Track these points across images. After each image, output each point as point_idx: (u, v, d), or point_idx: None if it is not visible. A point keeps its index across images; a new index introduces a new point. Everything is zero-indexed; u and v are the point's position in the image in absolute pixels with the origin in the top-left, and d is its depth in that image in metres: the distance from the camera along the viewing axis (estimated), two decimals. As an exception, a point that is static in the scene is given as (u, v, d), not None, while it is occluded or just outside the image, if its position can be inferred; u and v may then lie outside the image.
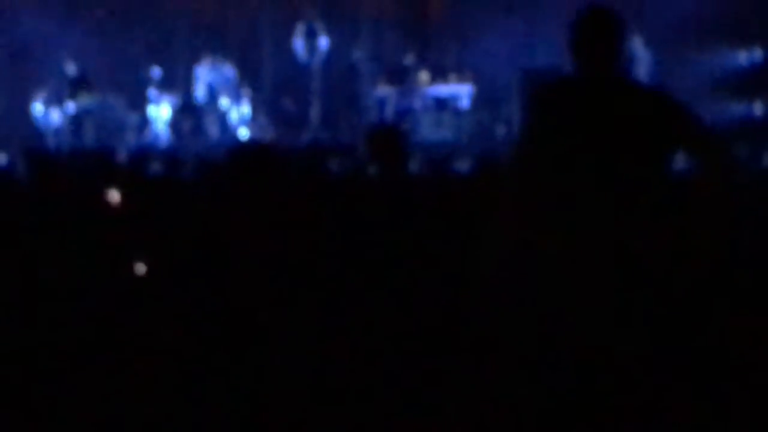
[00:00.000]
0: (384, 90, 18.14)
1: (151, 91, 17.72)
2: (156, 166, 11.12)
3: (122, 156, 13.28)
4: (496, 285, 4.44)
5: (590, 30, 4.54)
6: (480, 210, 6.08)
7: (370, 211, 6.24)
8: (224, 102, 17.72)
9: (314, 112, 18.18)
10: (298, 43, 18.25)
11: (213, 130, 17.46)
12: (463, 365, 5.39)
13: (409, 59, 18.32)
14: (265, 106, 18.55)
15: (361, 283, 5.68)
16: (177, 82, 18.82)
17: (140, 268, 6.14)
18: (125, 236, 6.41)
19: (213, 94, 17.73)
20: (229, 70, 17.99)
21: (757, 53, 17.86)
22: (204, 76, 17.93)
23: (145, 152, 12.41)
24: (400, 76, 18.17)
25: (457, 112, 17.73)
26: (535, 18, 18.95)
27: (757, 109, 17.51)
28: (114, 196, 7.52)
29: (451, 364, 5.44)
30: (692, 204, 4.27)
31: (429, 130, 17.28)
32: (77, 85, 17.38)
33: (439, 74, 18.59)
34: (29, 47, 18.41)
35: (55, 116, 17.40)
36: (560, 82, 4.70)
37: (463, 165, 11.07)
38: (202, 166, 10.17)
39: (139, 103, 18.17)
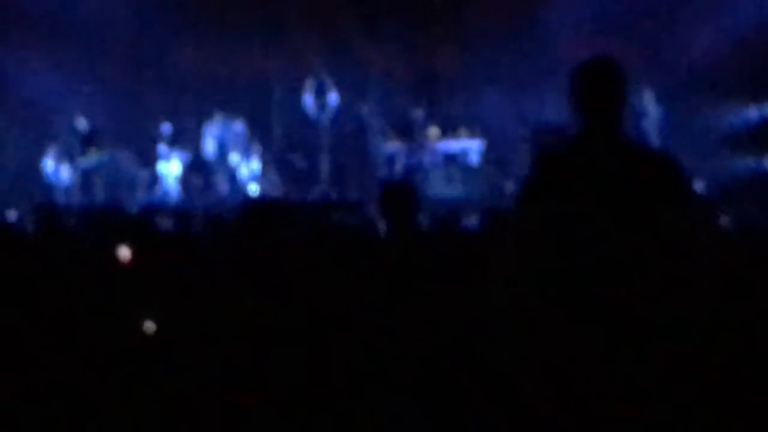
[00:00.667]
0: (393, 145, 18.21)
1: (161, 148, 17.78)
2: (166, 222, 11.14)
3: (132, 212, 13.34)
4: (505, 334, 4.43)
5: (591, 82, 4.48)
6: (488, 266, 6.10)
7: (379, 266, 6.24)
8: (234, 158, 17.77)
9: (323, 168, 18.22)
10: (308, 99, 18.34)
11: (223, 186, 17.49)
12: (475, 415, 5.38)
13: (418, 114, 18.38)
14: (274, 162, 18.59)
15: (370, 336, 5.67)
16: (187, 138, 18.91)
17: (149, 326, 6.14)
18: (135, 292, 6.41)
19: (223, 150, 17.78)
20: (239, 127, 18.06)
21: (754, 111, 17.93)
22: (214, 132, 18.00)
23: (155, 208, 12.44)
24: (409, 132, 18.23)
25: (467, 168, 17.76)
26: (545, 73, 19.03)
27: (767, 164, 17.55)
28: (124, 252, 7.52)
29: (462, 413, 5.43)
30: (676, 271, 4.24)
31: (438, 185, 17.30)
32: (87, 142, 17.44)
33: (449, 129, 18.66)
34: (39, 103, 18.52)
35: (66, 173, 17.45)
36: (564, 145, 4.60)
37: (471, 221, 11.07)
38: (212, 222, 10.20)
39: (149, 159, 18.26)
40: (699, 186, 15.07)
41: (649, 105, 16.49)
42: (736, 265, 5.67)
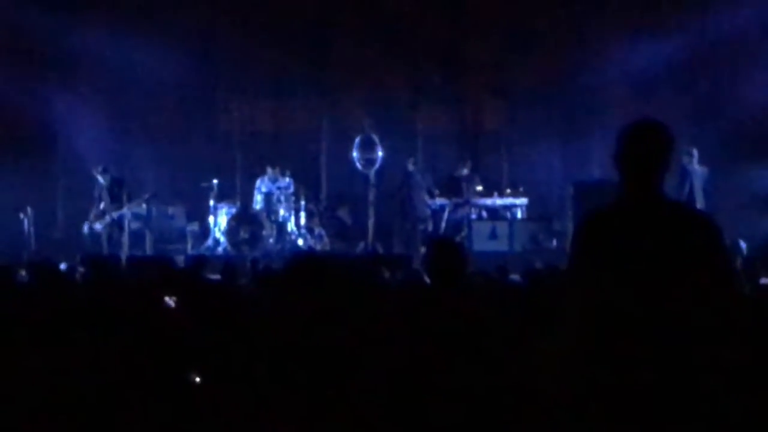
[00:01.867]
0: (439, 201, 18.30)
1: (211, 201, 17.92)
2: (214, 274, 11.21)
3: (180, 263, 13.42)
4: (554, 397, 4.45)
5: (635, 144, 4.46)
6: (533, 321, 6.12)
7: (426, 322, 6.26)
8: (282, 212, 17.89)
9: (369, 222, 18.31)
10: (355, 155, 18.47)
11: (270, 239, 17.61)
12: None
13: (463, 170, 18.47)
14: (321, 216, 18.70)
15: (418, 393, 5.68)
16: (235, 192, 19.09)
17: (194, 377, 6.15)
18: (181, 343, 6.44)
19: (270, 205, 17.91)
20: (286, 181, 18.19)
21: None
22: (262, 186, 18.14)
23: (203, 259, 12.51)
24: (455, 187, 18.32)
25: (511, 223, 17.80)
26: (590, 129, 19.08)
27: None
28: (171, 302, 7.60)
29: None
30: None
31: (483, 240, 17.34)
32: (115, 192, 17.43)
33: (493, 185, 18.75)
34: (90, 157, 18.73)
35: (99, 227, 17.51)
36: (606, 209, 4.55)
37: (516, 276, 11.09)
38: (259, 275, 10.27)
39: (198, 212, 18.44)
40: (742, 246, 15.01)
41: (695, 164, 16.45)
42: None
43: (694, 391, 4.23)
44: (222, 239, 17.70)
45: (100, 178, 17.33)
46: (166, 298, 7.73)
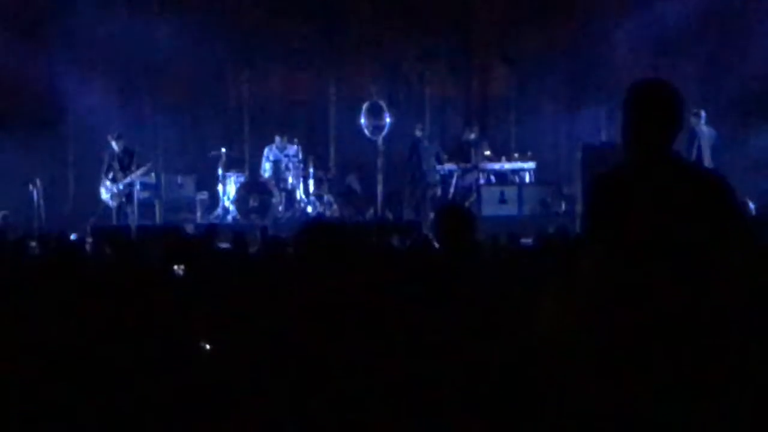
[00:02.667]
0: (447, 166, 18.29)
1: (220, 170, 17.94)
2: (223, 242, 11.24)
3: (190, 231, 13.46)
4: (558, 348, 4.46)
5: (644, 104, 4.41)
6: (543, 284, 6.13)
7: (436, 287, 6.28)
8: (290, 180, 17.91)
9: (378, 189, 18.32)
10: (363, 122, 18.45)
11: (279, 207, 17.63)
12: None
13: (471, 136, 18.45)
14: (330, 184, 18.72)
15: (428, 359, 5.70)
16: (244, 161, 19.10)
17: (204, 346, 6.18)
18: (191, 311, 6.47)
19: (279, 173, 17.92)
20: (294, 149, 18.18)
21: None
22: (271, 155, 18.14)
23: (215, 228, 12.53)
24: (463, 153, 18.30)
25: (520, 188, 17.80)
26: (597, 93, 19.04)
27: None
28: (180, 271, 7.63)
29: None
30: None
31: (491, 205, 17.35)
32: (126, 161, 17.44)
33: (502, 150, 18.74)
34: (99, 129, 18.76)
35: (116, 195, 17.55)
36: (618, 170, 4.53)
37: (525, 240, 11.10)
38: (269, 242, 10.29)
39: (208, 181, 18.47)
40: (750, 206, 15.00)
41: (703, 126, 16.43)
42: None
43: (705, 347, 4.23)
44: (231, 208, 17.73)
45: (114, 144, 17.33)
46: (175, 267, 7.75)
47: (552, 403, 4.96)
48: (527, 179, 18.19)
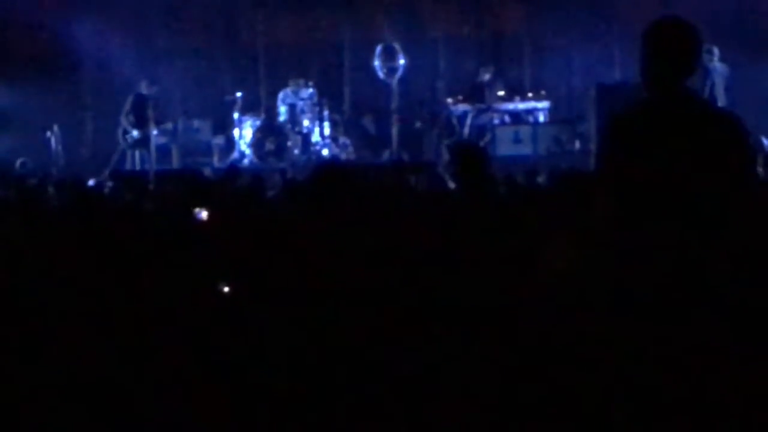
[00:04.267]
0: (461, 107, 18.29)
1: (235, 114, 17.99)
2: (241, 184, 11.30)
3: (208, 175, 13.54)
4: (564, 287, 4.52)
5: (660, 42, 4.42)
6: (557, 223, 6.19)
7: (451, 225, 6.35)
8: (305, 123, 17.94)
9: (393, 131, 18.34)
10: (377, 64, 18.44)
11: (295, 150, 17.69)
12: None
13: (485, 76, 18.42)
14: (345, 126, 18.75)
15: (442, 295, 5.76)
16: (259, 105, 19.12)
17: (224, 287, 6.23)
18: (212, 253, 6.52)
19: (294, 116, 17.95)
20: (309, 92, 18.20)
21: None
22: (286, 98, 18.16)
23: (236, 170, 12.59)
24: (477, 93, 18.29)
25: (534, 127, 17.81)
26: (611, 32, 18.95)
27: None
28: (202, 214, 7.70)
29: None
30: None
31: (506, 145, 17.37)
32: (155, 109, 17.54)
33: (516, 90, 18.72)
34: (114, 74, 18.83)
35: (137, 138, 17.64)
36: (632, 109, 4.58)
37: (541, 179, 11.14)
38: (286, 184, 10.36)
39: (223, 126, 18.52)
40: (765, 143, 15.00)
41: (716, 62, 16.37)
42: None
43: (707, 285, 4.29)
44: (248, 152, 17.78)
45: (145, 90, 17.45)
46: (197, 210, 7.80)
47: (561, 348, 5.04)
48: (541, 119, 18.19)
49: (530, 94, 18.59)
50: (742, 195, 4.33)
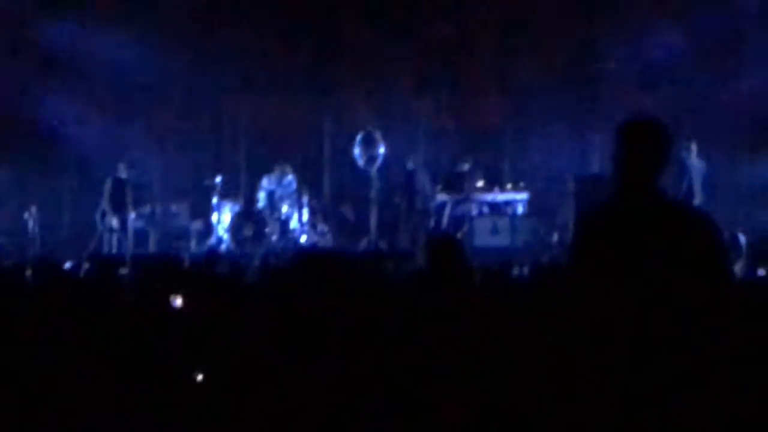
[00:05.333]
0: (441, 197, 18.34)
1: (214, 199, 17.98)
2: (220, 270, 11.24)
3: (186, 260, 13.46)
4: None
5: (632, 141, 4.45)
6: (537, 315, 6.18)
7: (427, 316, 6.32)
8: (285, 209, 17.94)
9: (372, 219, 18.37)
10: (357, 152, 18.53)
11: (273, 236, 17.67)
12: None
13: (464, 166, 18.50)
14: (324, 213, 18.76)
15: (417, 387, 5.73)
16: (239, 190, 19.16)
17: (197, 376, 6.18)
18: (187, 341, 6.47)
19: (274, 202, 17.96)
20: (289, 178, 18.23)
21: None
22: (266, 183, 18.19)
23: (215, 255, 12.55)
24: (456, 183, 18.36)
25: (512, 218, 17.85)
26: (590, 125, 19.15)
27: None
28: (178, 300, 7.63)
29: None
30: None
31: (485, 236, 17.40)
32: (130, 193, 17.55)
33: (494, 181, 18.81)
34: (95, 158, 18.86)
35: (115, 223, 17.61)
36: (604, 207, 4.59)
37: (519, 270, 11.14)
38: (265, 271, 10.30)
39: (202, 210, 18.51)
40: (741, 240, 15.08)
41: (694, 159, 16.48)
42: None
43: (687, 388, 4.28)
44: (225, 237, 17.75)
45: (123, 174, 17.48)
46: (172, 297, 7.75)
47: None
48: (520, 210, 18.25)
49: (509, 186, 18.70)
50: (718, 294, 4.31)
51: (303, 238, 17.87)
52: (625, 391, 4.29)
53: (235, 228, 17.63)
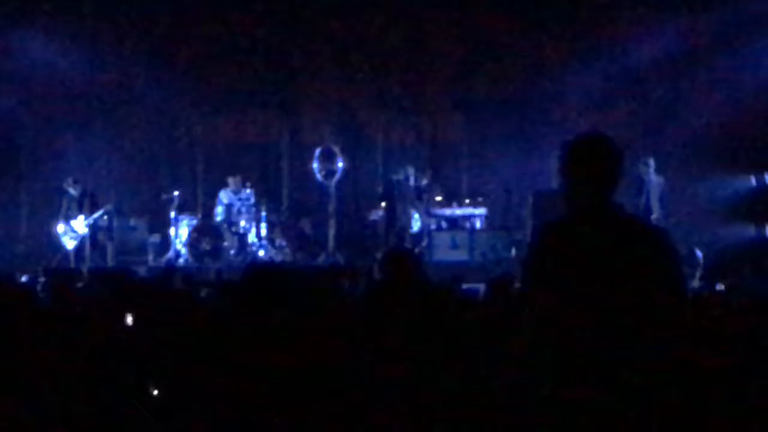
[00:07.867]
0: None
1: (172, 213, 17.91)
2: (175, 284, 11.22)
3: (142, 275, 13.41)
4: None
5: (580, 159, 4.43)
6: (492, 330, 6.20)
7: (383, 330, 6.33)
8: (242, 223, 17.90)
9: (330, 233, 18.37)
10: (316, 166, 18.55)
11: (231, 251, 17.63)
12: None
13: (422, 181, 18.53)
14: (282, 227, 18.72)
15: (373, 403, 5.73)
16: (196, 204, 19.10)
17: (152, 390, 6.15)
18: (140, 355, 6.44)
19: (231, 216, 17.92)
20: (247, 193, 18.19)
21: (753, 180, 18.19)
22: (223, 198, 18.15)
23: (172, 269, 12.52)
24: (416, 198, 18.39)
25: (471, 233, 17.89)
26: (548, 140, 19.23)
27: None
28: (129, 319, 7.60)
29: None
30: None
31: (442, 250, 17.43)
32: (82, 203, 17.48)
33: (453, 196, 18.84)
34: (52, 170, 18.76)
35: (70, 236, 17.52)
36: (558, 222, 4.53)
37: (475, 285, 11.16)
38: (219, 286, 10.29)
39: (160, 224, 18.44)
40: (698, 255, 15.21)
41: (651, 174, 16.56)
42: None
43: (643, 404, 4.27)
44: (183, 251, 17.68)
45: (71, 190, 17.38)
46: (126, 313, 7.72)
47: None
48: (478, 225, 18.30)
49: (467, 201, 18.74)
50: (673, 309, 4.29)
51: (261, 252, 17.83)
52: (580, 408, 4.28)
53: (192, 242, 17.57)
